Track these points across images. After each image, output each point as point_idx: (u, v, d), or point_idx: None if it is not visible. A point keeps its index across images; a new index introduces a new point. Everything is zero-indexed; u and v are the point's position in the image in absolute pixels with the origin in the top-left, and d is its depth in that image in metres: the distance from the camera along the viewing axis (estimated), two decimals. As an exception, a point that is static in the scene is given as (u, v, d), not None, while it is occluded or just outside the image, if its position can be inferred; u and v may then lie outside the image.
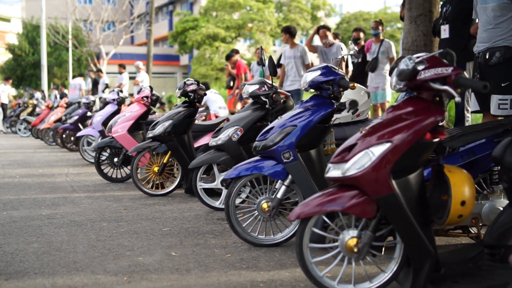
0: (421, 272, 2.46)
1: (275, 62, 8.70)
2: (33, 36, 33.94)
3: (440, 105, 2.46)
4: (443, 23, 5.49)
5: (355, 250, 2.55)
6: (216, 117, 9.79)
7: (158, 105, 14.00)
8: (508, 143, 2.67)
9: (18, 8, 52.23)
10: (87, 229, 4.15)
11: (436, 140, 2.49)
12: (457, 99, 2.34)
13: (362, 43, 9.00)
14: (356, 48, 3.45)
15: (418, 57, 2.48)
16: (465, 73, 2.38)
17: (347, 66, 8.62)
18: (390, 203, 2.42)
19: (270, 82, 4.45)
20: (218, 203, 4.73)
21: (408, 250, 2.50)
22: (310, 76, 3.48)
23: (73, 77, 23.32)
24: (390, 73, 2.59)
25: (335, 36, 9.45)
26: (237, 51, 11.83)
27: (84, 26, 26.12)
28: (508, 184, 2.61)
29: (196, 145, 5.79)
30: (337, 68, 3.49)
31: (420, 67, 2.45)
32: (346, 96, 4.42)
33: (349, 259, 2.64)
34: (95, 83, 16.22)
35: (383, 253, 2.68)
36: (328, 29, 8.43)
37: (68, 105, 12.21)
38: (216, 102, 10.55)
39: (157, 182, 5.64)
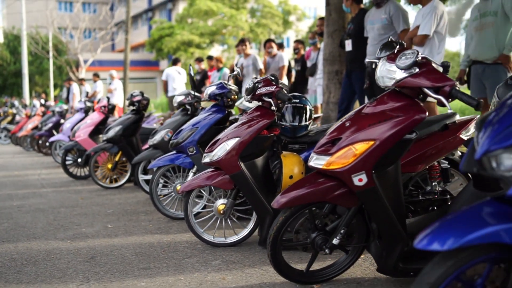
0: (264, 225, 3.60)
1: (229, 71, 9.89)
2: (14, 46, 34.63)
3: (272, 111, 3.61)
4: (347, 38, 6.64)
5: (221, 212, 3.71)
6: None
7: None
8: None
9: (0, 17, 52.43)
10: (48, 213, 5.26)
11: (272, 134, 3.64)
12: (273, 108, 3.50)
13: (302, 52, 10.15)
14: (239, 71, 4.50)
15: (257, 79, 3.64)
16: (283, 90, 3.54)
17: (290, 71, 9.88)
18: (239, 178, 3.56)
19: (194, 93, 5.57)
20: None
21: (254, 210, 3.64)
22: (209, 89, 4.61)
23: (55, 85, 23.73)
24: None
25: (279, 46, 10.62)
26: (201, 59, 12.94)
27: (63, 36, 27.00)
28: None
29: (145, 146, 6.89)
30: (228, 83, 4.61)
31: (259, 85, 3.60)
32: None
33: (221, 220, 3.79)
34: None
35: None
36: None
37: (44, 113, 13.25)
38: None
39: (113, 177, 6.75)
